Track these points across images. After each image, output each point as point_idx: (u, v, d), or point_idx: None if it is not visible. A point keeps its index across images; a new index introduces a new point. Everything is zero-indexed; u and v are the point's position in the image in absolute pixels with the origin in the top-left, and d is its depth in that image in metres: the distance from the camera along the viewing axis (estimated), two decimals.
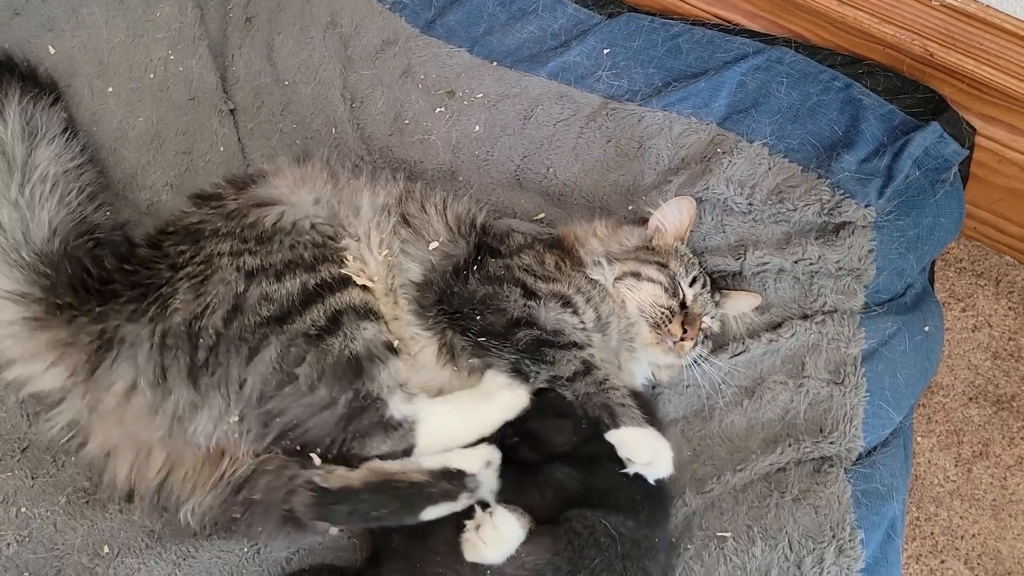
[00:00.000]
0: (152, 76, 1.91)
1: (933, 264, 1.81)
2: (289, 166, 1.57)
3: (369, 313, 1.40)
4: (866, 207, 1.62)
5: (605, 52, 1.87)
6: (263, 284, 1.36)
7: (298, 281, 1.37)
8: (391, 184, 1.60)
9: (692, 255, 1.65)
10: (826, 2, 1.79)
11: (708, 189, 1.67)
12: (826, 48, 1.86)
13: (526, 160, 1.85)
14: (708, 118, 1.76)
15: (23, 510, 1.44)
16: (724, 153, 1.70)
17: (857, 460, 1.51)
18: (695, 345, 1.57)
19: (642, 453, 1.35)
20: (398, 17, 1.96)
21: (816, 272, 1.65)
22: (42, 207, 1.51)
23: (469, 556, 1.26)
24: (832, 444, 1.50)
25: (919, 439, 1.93)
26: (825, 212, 1.64)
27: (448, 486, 1.32)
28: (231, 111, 1.95)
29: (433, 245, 1.53)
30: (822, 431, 1.52)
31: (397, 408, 1.35)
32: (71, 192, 1.57)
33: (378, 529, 1.37)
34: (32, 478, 1.48)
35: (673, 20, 1.91)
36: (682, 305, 1.57)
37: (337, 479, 1.32)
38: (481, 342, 1.43)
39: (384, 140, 1.90)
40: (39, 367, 1.41)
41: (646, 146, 1.78)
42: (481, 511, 1.29)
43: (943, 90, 1.79)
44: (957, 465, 1.92)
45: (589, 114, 1.83)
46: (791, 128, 1.72)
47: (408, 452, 1.35)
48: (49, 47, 1.87)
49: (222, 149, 1.90)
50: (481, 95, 1.88)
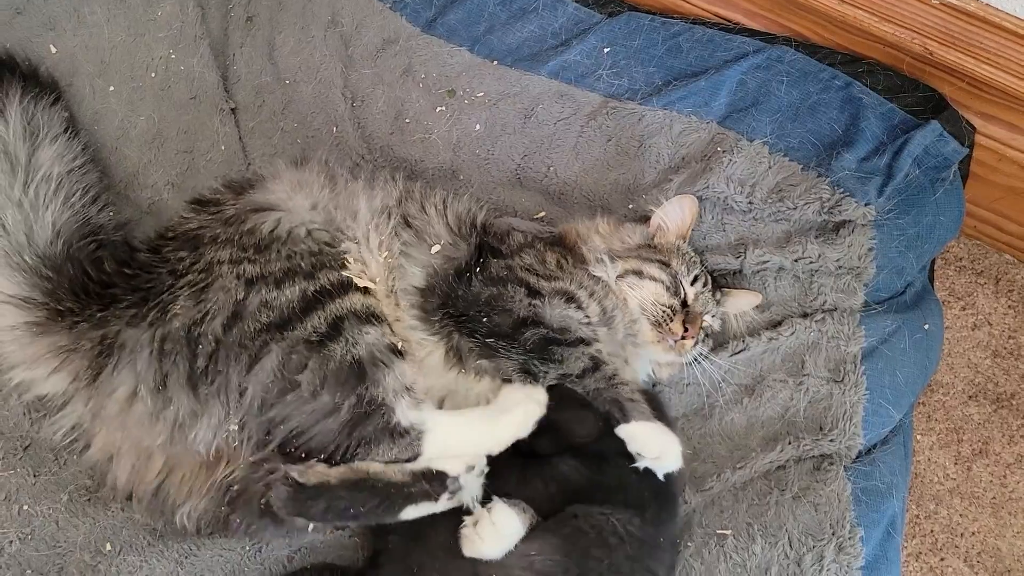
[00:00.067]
0: (153, 75, 1.92)
1: (933, 262, 1.81)
2: (287, 169, 1.56)
3: (371, 317, 1.39)
4: (866, 205, 1.63)
5: (605, 51, 1.87)
6: (263, 292, 1.36)
7: (298, 288, 1.36)
8: (390, 185, 1.59)
9: (694, 253, 1.66)
10: (826, 1, 1.79)
11: (708, 188, 1.68)
12: (826, 47, 1.86)
13: (527, 159, 1.85)
14: (708, 117, 1.76)
15: (25, 508, 1.44)
16: (724, 152, 1.70)
17: (857, 458, 1.51)
18: (696, 343, 1.57)
19: (652, 447, 1.35)
20: (399, 16, 1.96)
21: (816, 270, 1.65)
22: (46, 208, 1.51)
23: (467, 552, 1.26)
24: (832, 442, 1.50)
25: (919, 437, 1.93)
26: (825, 210, 1.64)
27: (428, 487, 1.31)
28: (232, 110, 1.95)
29: (435, 248, 1.52)
30: (822, 429, 1.52)
31: (404, 415, 1.34)
32: (75, 192, 1.57)
33: (375, 529, 1.37)
34: (34, 476, 1.48)
35: (673, 19, 1.91)
36: (683, 304, 1.58)
37: (315, 475, 1.30)
38: (489, 343, 1.43)
39: (385, 139, 1.90)
40: (41, 372, 1.41)
41: (646, 145, 1.78)
42: (480, 506, 1.29)
43: (943, 89, 1.79)
44: (957, 463, 1.92)
45: (589, 113, 1.83)
46: (791, 127, 1.72)
47: (411, 461, 1.34)
48: (50, 46, 1.87)
49: (223, 148, 1.90)
50: (482, 94, 1.88)
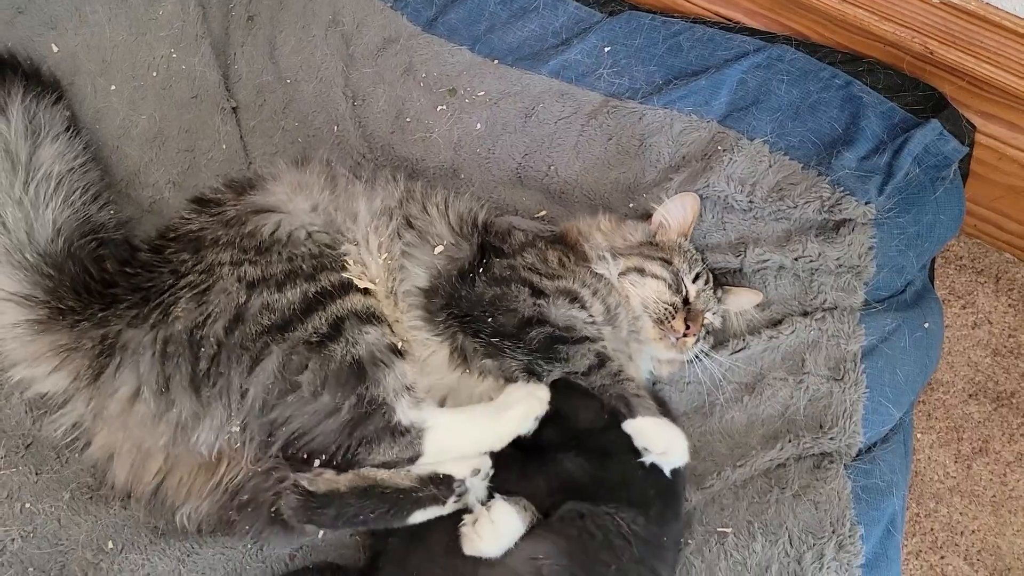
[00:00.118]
0: (155, 74, 1.92)
1: (933, 261, 1.81)
2: (288, 170, 1.56)
3: (371, 317, 1.39)
4: (866, 204, 1.63)
5: (606, 50, 1.87)
6: (264, 294, 1.36)
7: (299, 290, 1.37)
8: (391, 185, 1.59)
9: (695, 251, 1.66)
10: (827, 0, 1.79)
11: (709, 186, 1.68)
12: (826, 46, 1.86)
13: (527, 158, 1.85)
14: (709, 116, 1.76)
15: (27, 506, 1.44)
16: (725, 151, 1.70)
17: (857, 456, 1.51)
18: (697, 341, 1.57)
19: (658, 442, 1.36)
20: (400, 15, 1.96)
21: (816, 269, 1.65)
22: (46, 206, 1.51)
23: (467, 550, 1.26)
24: (832, 440, 1.50)
25: (919, 435, 1.93)
26: (825, 209, 1.64)
27: (436, 491, 1.32)
28: (233, 109, 1.95)
29: (438, 249, 1.52)
30: (822, 427, 1.52)
31: (405, 413, 1.34)
32: (75, 191, 1.57)
33: (376, 531, 1.37)
34: (36, 474, 1.48)
35: (674, 18, 1.91)
36: (685, 301, 1.58)
37: (324, 482, 1.31)
38: (494, 343, 1.43)
39: (386, 138, 1.90)
40: (42, 370, 1.41)
41: (647, 144, 1.78)
42: (480, 505, 1.29)
43: (943, 87, 1.79)
44: (957, 461, 1.92)
45: (590, 112, 1.83)
46: (791, 126, 1.72)
47: (413, 461, 1.34)
48: (52, 45, 1.87)
49: (224, 147, 1.91)
50: (482, 93, 1.88)
